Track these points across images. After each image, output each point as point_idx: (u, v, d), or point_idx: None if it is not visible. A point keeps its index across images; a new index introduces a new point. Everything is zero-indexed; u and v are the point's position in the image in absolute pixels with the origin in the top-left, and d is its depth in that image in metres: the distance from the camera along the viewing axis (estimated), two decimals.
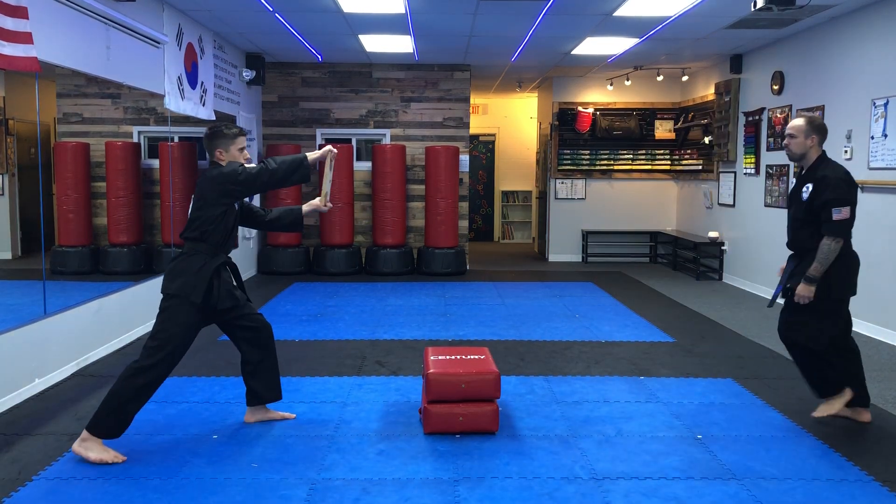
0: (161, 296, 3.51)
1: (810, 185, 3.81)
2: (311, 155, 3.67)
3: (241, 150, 3.62)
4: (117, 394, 3.33)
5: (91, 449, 3.33)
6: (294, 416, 3.99)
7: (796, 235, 3.94)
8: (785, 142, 3.96)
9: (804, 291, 3.76)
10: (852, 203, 3.74)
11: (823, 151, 3.90)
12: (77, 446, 3.36)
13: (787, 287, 3.93)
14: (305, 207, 3.96)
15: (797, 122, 3.89)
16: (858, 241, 6.22)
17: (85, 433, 3.36)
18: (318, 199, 3.91)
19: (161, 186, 7.34)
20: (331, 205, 3.98)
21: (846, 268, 3.81)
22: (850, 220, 3.74)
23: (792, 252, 4.04)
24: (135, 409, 3.39)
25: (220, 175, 3.49)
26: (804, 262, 3.83)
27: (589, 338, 5.92)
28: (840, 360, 3.87)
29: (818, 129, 3.85)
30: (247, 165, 3.55)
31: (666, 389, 4.55)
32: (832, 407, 3.91)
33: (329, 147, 3.78)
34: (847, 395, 3.90)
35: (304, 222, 3.97)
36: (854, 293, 3.89)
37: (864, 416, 3.96)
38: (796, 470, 3.35)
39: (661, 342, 5.81)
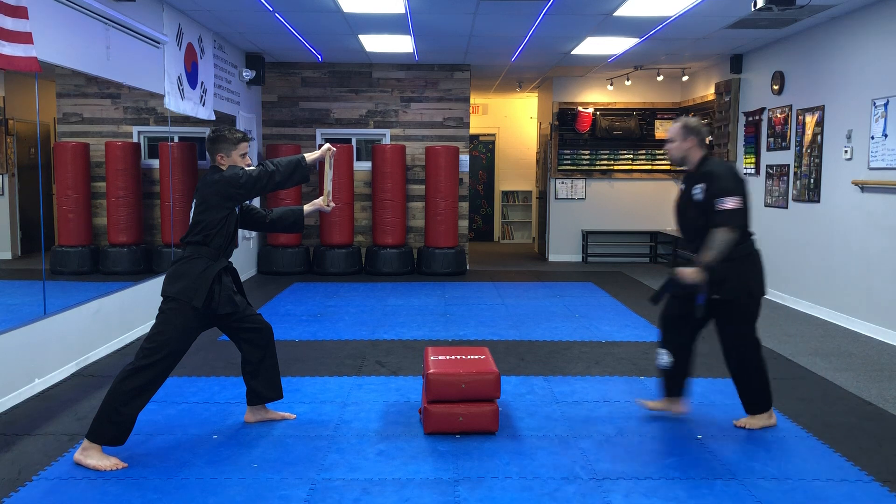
0: (161, 298, 3.50)
1: (703, 185, 3.67)
2: (310, 156, 3.68)
3: (243, 155, 3.63)
4: (112, 397, 3.30)
5: (90, 456, 3.30)
6: (294, 416, 3.99)
7: (703, 240, 3.65)
8: (665, 147, 3.96)
9: (691, 274, 3.59)
10: (741, 194, 3.59)
11: (707, 151, 3.82)
12: (79, 455, 3.33)
13: (713, 297, 3.68)
14: (307, 207, 3.96)
15: (673, 126, 3.88)
16: (858, 241, 6.26)
17: (85, 442, 3.33)
18: (320, 198, 3.92)
19: (161, 186, 7.34)
20: (333, 204, 3.98)
21: (754, 265, 3.71)
22: (741, 210, 3.57)
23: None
24: (132, 412, 3.33)
25: (222, 179, 3.49)
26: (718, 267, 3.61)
27: (589, 338, 5.92)
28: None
29: (694, 131, 3.79)
30: (247, 169, 3.55)
31: None
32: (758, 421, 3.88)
33: (327, 146, 3.79)
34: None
35: (304, 222, 3.98)
36: (763, 293, 3.78)
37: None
38: (796, 470, 3.35)
39: None
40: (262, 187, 3.55)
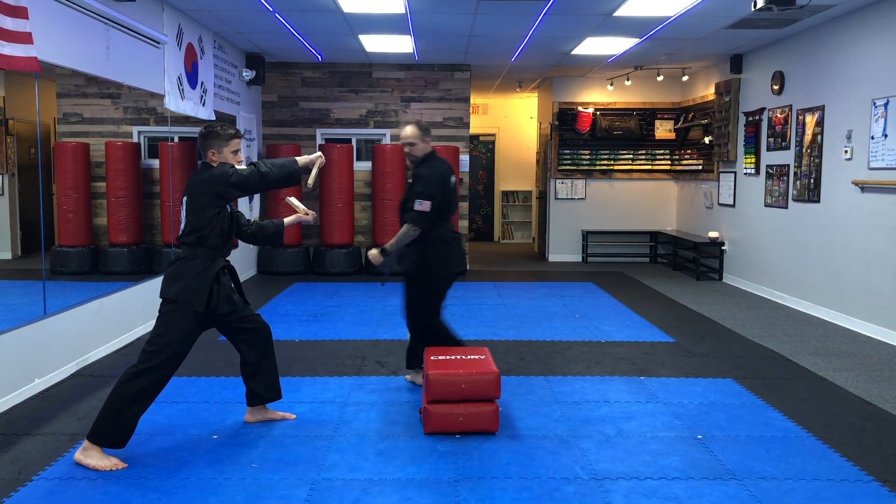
0: (160, 300, 3.49)
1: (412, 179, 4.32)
2: (301, 159, 3.66)
3: (235, 152, 3.60)
4: (114, 400, 3.30)
5: (90, 456, 3.30)
6: (294, 416, 3.99)
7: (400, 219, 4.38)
8: (406, 150, 4.37)
9: (373, 257, 4.29)
10: (434, 198, 4.19)
11: (432, 149, 4.42)
12: (79, 455, 3.33)
13: (403, 272, 4.41)
14: (288, 220, 3.94)
15: (411, 130, 4.32)
16: (858, 241, 6.26)
17: (86, 442, 3.33)
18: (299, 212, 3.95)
19: (161, 186, 7.34)
20: (313, 213, 3.97)
21: (440, 253, 4.30)
22: (429, 213, 4.19)
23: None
24: (134, 415, 3.33)
25: (211, 177, 3.47)
26: (413, 243, 4.29)
27: (589, 338, 5.92)
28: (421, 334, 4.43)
29: (428, 131, 4.38)
30: (238, 167, 3.52)
31: (666, 389, 4.55)
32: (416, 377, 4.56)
33: (319, 154, 3.80)
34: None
35: (284, 235, 3.98)
36: (446, 276, 4.36)
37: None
38: (796, 470, 3.35)
39: (661, 342, 5.81)
40: (252, 187, 3.52)
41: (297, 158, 3.66)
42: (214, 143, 3.56)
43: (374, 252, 4.29)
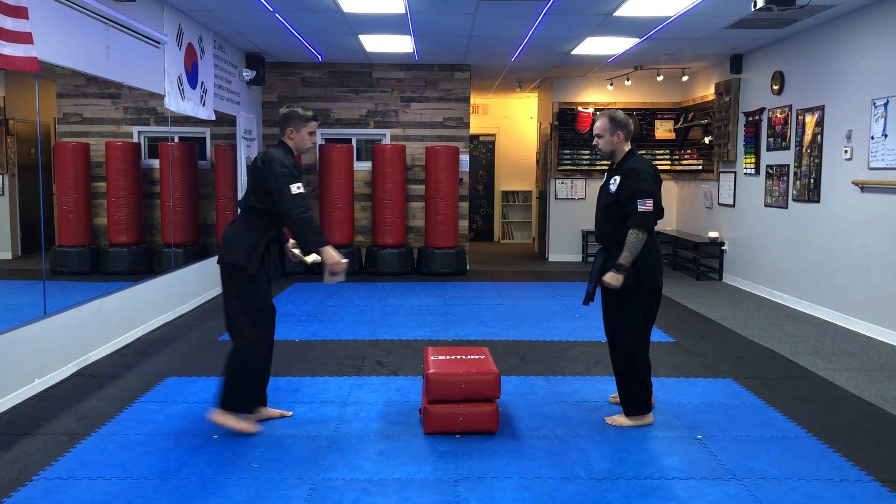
0: (219, 266, 3.71)
1: (618, 178, 3.88)
2: (328, 249, 3.52)
3: (311, 133, 3.84)
4: (242, 371, 3.62)
5: (231, 422, 3.66)
6: (290, 413, 4.02)
7: (603, 228, 3.95)
8: (594, 142, 4.04)
9: (612, 279, 3.72)
10: (656, 195, 3.82)
11: (633, 146, 4.00)
12: (219, 418, 3.66)
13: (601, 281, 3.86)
14: (293, 250, 3.93)
15: (601, 121, 3.94)
16: (858, 241, 6.26)
17: (220, 413, 3.66)
18: (298, 250, 3.86)
19: (161, 186, 7.34)
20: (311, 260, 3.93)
21: (650, 259, 3.79)
22: (653, 213, 3.77)
23: (601, 245, 4.04)
24: (263, 380, 3.78)
25: (273, 165, 3.60)
26: (613, 255, 3.82)
27: (589, 338, 5.91)
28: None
29: (621, 125, 3.91)
30: (293, 186, 3.54)
31: (666, 389, 4.55)
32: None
33: (343, 263, 3.56)
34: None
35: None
36: (658, 285, 3.83)
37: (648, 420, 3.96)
38: (796, 470, 3.35)
39: (661, 342, 5.80)
40: (281, 204, 3.51)
41: (328, 245, 3.54)
42: (294, 123, 3.82)
43: (611, 275, 3.71)
